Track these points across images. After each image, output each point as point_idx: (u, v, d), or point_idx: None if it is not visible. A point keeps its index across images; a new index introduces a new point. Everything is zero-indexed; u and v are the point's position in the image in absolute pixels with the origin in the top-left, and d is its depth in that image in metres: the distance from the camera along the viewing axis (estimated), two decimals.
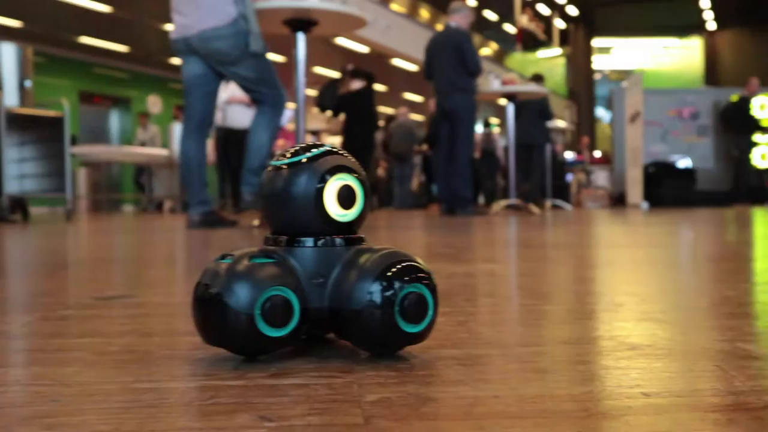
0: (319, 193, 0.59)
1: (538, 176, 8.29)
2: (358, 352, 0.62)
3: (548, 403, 0.46)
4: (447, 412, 0.45)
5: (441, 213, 6.14)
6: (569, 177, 11.66)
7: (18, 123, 5.40)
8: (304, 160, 0.60)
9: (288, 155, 0.61)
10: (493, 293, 1.02)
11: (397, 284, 0.57)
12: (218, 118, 7.52)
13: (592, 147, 17.95)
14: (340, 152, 0.61)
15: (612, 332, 0.71)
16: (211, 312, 0.56)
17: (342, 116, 7.39)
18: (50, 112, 5.92)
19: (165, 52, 12.94)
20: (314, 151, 0.61)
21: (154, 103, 14.88)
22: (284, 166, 0.60)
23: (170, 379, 0.53)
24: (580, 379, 0.53)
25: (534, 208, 6.73)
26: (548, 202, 8.48)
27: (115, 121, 14.83)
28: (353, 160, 0.62)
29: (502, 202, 6.88)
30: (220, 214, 3.78)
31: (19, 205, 6.09)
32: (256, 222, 3.76)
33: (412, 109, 12.96)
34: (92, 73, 13.93)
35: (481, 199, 10.85)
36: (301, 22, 4.07)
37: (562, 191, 10.09)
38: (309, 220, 0.59)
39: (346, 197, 0.60)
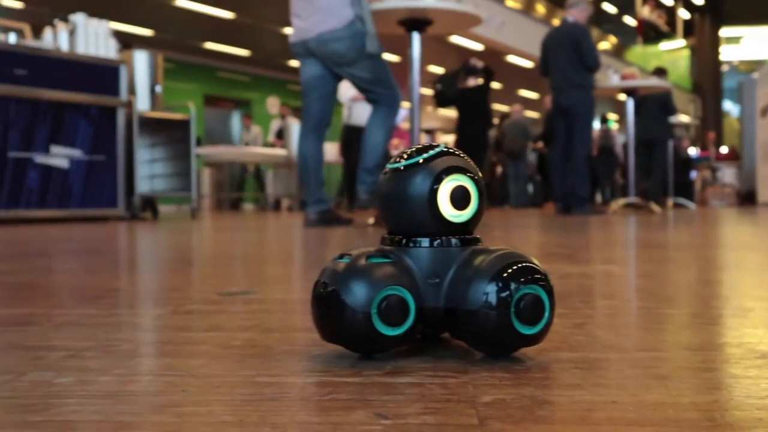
0: (433, 194, 0.59)
1: (660, 174, 7.98)
2: (472, 352, 0.62)
3: (670, 411, 0.45)
4: (563, 416, 0.44)
5: (556, 212, 6.02)
6: (693, 174, 11.16)
7: (148, 126, 5.71)
8: (420, 161, 0.60)
9: (405, 156, 0.61)
10: (611, 295, 0.99)
11: (513, 285, 0.57)
12: (344, 116, 7.60)
13: (719, 142, 17.09)
14: (455, 153, 0.62)
15: (740, 339, 0.68)
16: (329, 310, 0.58)
17: (455, 112, 7.38)
18: (178, 115, 6.22)
19: (284, 55, 13.32)
20: (430, 152, 0.61)
21: (273, 105, 15.35)
22: (401, 168, 0.61)
23: (289, 374, 0.55)
24: (704, 387, 0.51)
25: (655, 207, 6.49)
26: (670, 201, 8.14)
27: (236, 122, 15.41)
28: (469, 160, 0.62)
29: (621, 201, 6.66)
30: (336, 212, 3.86)
31: (150, 204, 6.44)
32: (371, 220, 3.81)
33: (528, 106, 12.77)
34: (216, 77, 14.54)
35: (599, 198, 10.55)
36: (416, 21, 4.10)
37: (685, 189, 9.66)
38: (424, 221, 0.60)
39: (460, 198, 0.60)
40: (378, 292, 0.56)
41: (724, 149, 13.80)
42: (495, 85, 17.18)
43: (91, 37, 5.33)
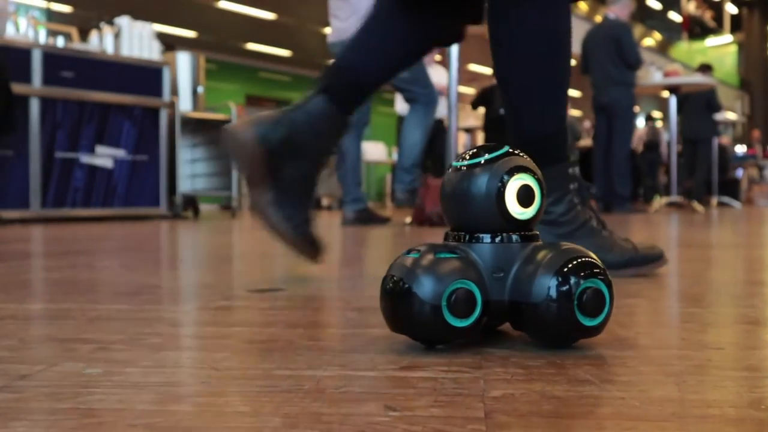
0: (501, 192, 0.62)
1: (704, 172, 7.84)
2: (491, 348, 0.63)
3: (676, 407, 0.45)
4: (569, 410, 0.45)
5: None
6: (740, 172, 10.94)
7: (190, 126, 5.80)
8: (483, 161, 0.63)
9: (469, 156, 0.64)
10: (638, 293, 0.99)
11: (574, 279, 0.60)
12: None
13: (766, 140, 16.70)
14: (519, 153, 0.64)
15: (765, 338, 0.68)
16: (400, 302, 0.60)
17: (481, 110, 7.34)
18: (219, 116, 6.31)
19: (324, 55, 13.40)
20: (494, 152, 0.64)
21: None
22: (466, 167, 0.64)
23: (307, 368, 0.56)
24: (715, 385, 0.51)
25: (698, 206, 6.38)
26: (714, 200, 7.99)
27: None
28: (530, 160, 0.65)
29: (663, 200, 6.57)
30: (373, 211, 3.88)
31: (191, 203, 6.54)
32: (408, 219, 3.82)
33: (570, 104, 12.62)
34: (258, 77, 14.68)
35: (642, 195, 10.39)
36: None
37: (731, 188, 9.47)
38: (489, 218, 0.63)
39: (525, 196, 0.63)
40: (447, 285, 0.59)
41: None
42: None
43: (135, 39, 5.44)
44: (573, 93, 17.54)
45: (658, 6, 20.97)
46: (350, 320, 0.79)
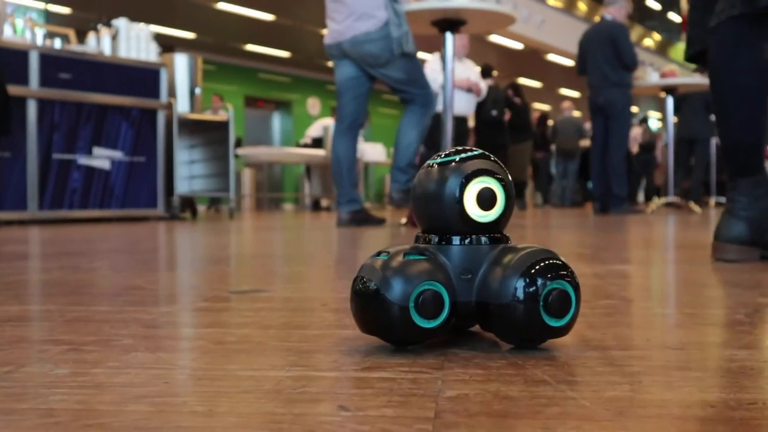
0: (460, 195, 0.63)
1: (701, 172, 7.85)
2: (456, 349, 0.64)
3: (624, 406, 0.46)
4: (518, 411, 0.46)
5: (594, 211, 5.97)
6: None
7: (188, 127, 5.81)
8: (449, 163, 0.64)
9: (441, 156, 0.65)
10: (614, 295, 1.00)
11: (540, 281, 0.61)
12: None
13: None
14: (487, 156, 0.65)
15: (729, 341, 0.69)
16: (368, 304, 0.61)
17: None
18: (217, 117, 6.32)
19: (323, 56, 13.41)
20: (462, 155, 0.65)
21: (313, 105, 15.47)
22: (433, 169, 0.65)
23: (270, 369, 0.57)
24: (669, 385, 0.52)
25: (694, 207, 6.38)
26: (712, 200, 8.00)
27: (277, 123, 15.56)
28: (498, 163, 0.66)
29: (660, 200, 6.57)
30: (368, 212, 3.89)
31: (189, 204, 6.55)
32: (403, 220, 3.83)
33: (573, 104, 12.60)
34: (257, 78, 14.69)
35: (642, 197, 10.40)
36: (450, 22, 4.11)
37: None
38: (453, 220, 0.64)
39: (486, 199, 0.64)
40: (415, 287, 0.60)
41: None
42: (535, 83, 17.02)
43: (133, 41, 5.45)
44: (570, 93, 17.55)
45: (657, 6, 20.98)
46: (324, 321, 0.80)
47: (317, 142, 10.45)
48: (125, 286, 1.14)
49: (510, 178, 0.66)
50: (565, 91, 17.85)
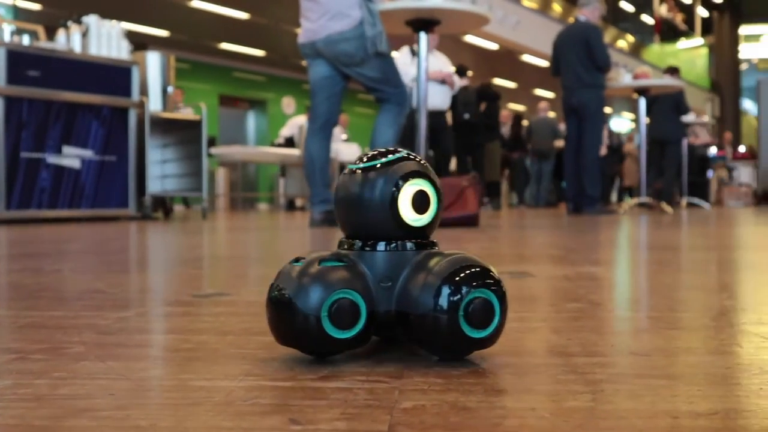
0: (394, 197, 0.60)
1: (672, 173, 7.92)
2: (417, 356, 0.62)
3: (585, 417, 0.45)
4: (475, 423, 0.44)
5: (567, 211, 5.99)
6: (710, 174, 11.06)
7: (160, 126, 5.75)
8: (379, 165, 0.62)
9: (365, 159, 0.63)
10: (582, 298, 0.99)
11: (463, 289, 0.58)
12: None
13: (737, 142, 16.91)
14: (415, 158, 0.63)
15: (694, 347, 0.68)
16: (282, 313, 0.59)
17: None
18: (190, 116, 6.26)
19: (298, 55, 13.32)
20: (389, 156, 0.62)
21: (288, 105, 15.40)
22: (360, 171, 0.62)
23: (224, 378, 0.55)
24: (633, 393, 0.51)
25: (666, 207, 6.44)
26: (684, 201, 8.08)
27: (251, 122, 15.47)
28: (427, 165, 0.63)
29: (633, 201, 6.63)
30: None
31: (162, 204, 6.48)
32: None
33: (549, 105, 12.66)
34: (231, 77, 14.60)
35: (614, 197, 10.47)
36: (424, 21, 4.10)
37: (701, 189, 9.58)
38: (383, 225, 0.61)
39: (420, 202, 0.61)
40: (329, 295, 0.58)
41: (741, 148, 13.66)
42: (509, 84, 17.08)
43: (104, 38, 5.38)
44: (545, 94, 17.65)
45: (631, 9, 21.17)
46: (267, 328, 0.78)
47: (290, 142, 10.40)
48: (85, 290, 1.11)
49: (439, 180, 0.64)
50: (539, 92, 17.95)
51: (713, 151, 12.20)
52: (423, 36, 4.13)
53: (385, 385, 0.53)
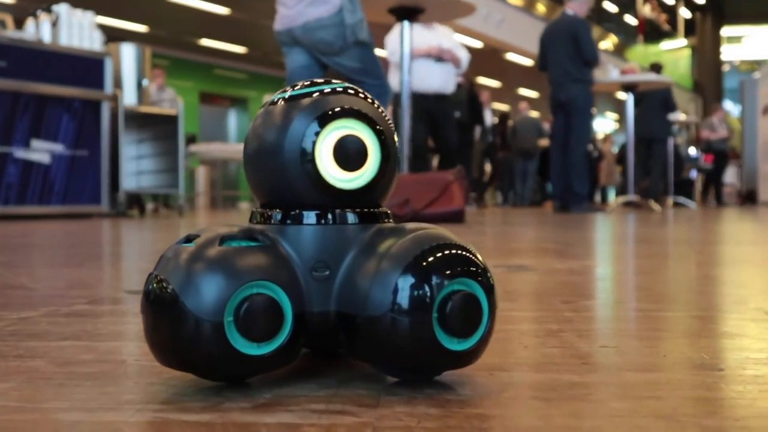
0: (310, 145, 0.41)
1: (659, 172, 7.79)
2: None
3: None
4: None
5: (554, 210, 5.85)
6: (694, 173, 10.98)
7: (135, 121, 5.54)
8: (299, 98, 0.42)
9: (291, 89, 0.43)
10: (598, 294, 0.82)
11: (435, 279, 0.39)
12: (393, 81, 5.01)
13: None
14: (355, 92, 0.43)
15: (673, 351, 0.51)
16: (162, 318, 0.39)
17: None
18: (166, 110, 6.05)
19: (280, 52, 13.11)
20: (316, 87, 0.43)
21: None
22: (271, 108, 0.43)
23: (117, 407, 0.37)
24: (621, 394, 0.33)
25: (655, 205, 6.31)
26: (670, 200, 7.97)
27: (233, 120, 15.25)
28: (370, 102, 0.43)
29: (620, 199, 6.50)
30: None
31: (136, 201, 6.27)
32: None
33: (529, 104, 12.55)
34: (212, 74, 14.37)
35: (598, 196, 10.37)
36: (407, 9, 3.93)
37: (685, 188, 9.49)
38: (300, 186, 0.41)
39: (349, 153, 0.41)
40: (235, 290, 0.38)
41: None
42: (494, 83, 17.02)
43: (75, 28, 5.17)
44: (529, 93, 17.57)
45: (614, 9, 21.16)
46: None
47: None
48: (3, 285, 0.93)
49: (392, 127, 0.44)
50: (523, 91, 17.85)
51: (694, 151, 12.13)
52: (407, 25, 3.96)
53: (352, 420, 0.35)
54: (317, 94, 0.42)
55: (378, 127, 0.42)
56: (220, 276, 0.38)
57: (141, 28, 12.00)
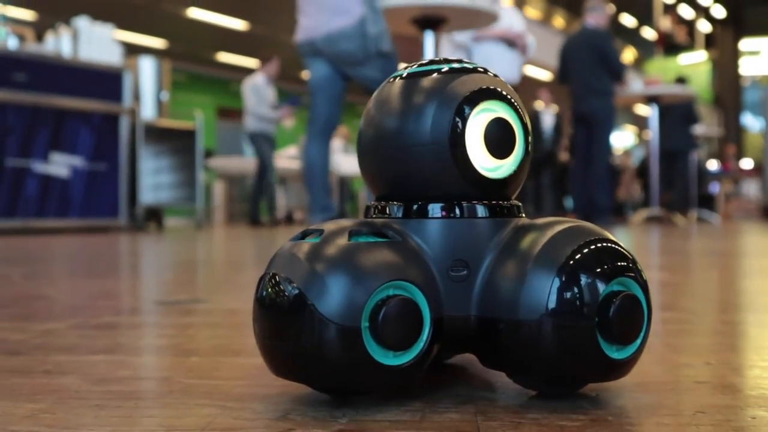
0: (458, 130, 0.36)
1: (683, 185, 7.68)
2: (481, 392, 0.38)
3: None
4: None
5: None
6: (715, 187, 10.85)
7: (154, 134, 5.53)
8: (433, 75, 0.37)
9: (413, 65, 0.37)
10: (675, 305, 0.75)
11: (594, 281, 0.34)
12: None
13: (739, 156, 16.75)
14: (485, 70, 0.37)
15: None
16: (285, 323, 0.33)
17: None
18: (183, 124, 6.04)
19: (298, 67, 13.11)
20: (451, 65, 0.37)
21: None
22: (400, 90, 0.37)
23: None
24: None
25: (679, 219, 6.21)
26: (694, 214, 7.85)
27: None
28: (503, 81, 0.37)
29: (643, 213, 6.40)
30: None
31: (154, 215, 6.24)
32: None
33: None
34: (230, 89, 14.41)
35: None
36: (430, 20, 3.89)
37: (707, 202, 9.36)
38: (438, 176, 0.36)
39: (500, 139, 0.36)
40: (372, 292, 0.32)
41: (745, 163, 13.47)
42: None
43: (95, 42, 5.18)
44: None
45: (633, 23, 21.11)
46: (246, 346, 0.54)
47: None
48: (26, 295, 0.87)
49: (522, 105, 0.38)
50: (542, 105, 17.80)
51: (715, 165, 12.00)
52: (430, 35, 3.91)
53: None
54: (446, 71, 0.36)
55: (520, 110, 0.37)
56: (355, 275, 0.32)
57: (159, 43, 12.07)
